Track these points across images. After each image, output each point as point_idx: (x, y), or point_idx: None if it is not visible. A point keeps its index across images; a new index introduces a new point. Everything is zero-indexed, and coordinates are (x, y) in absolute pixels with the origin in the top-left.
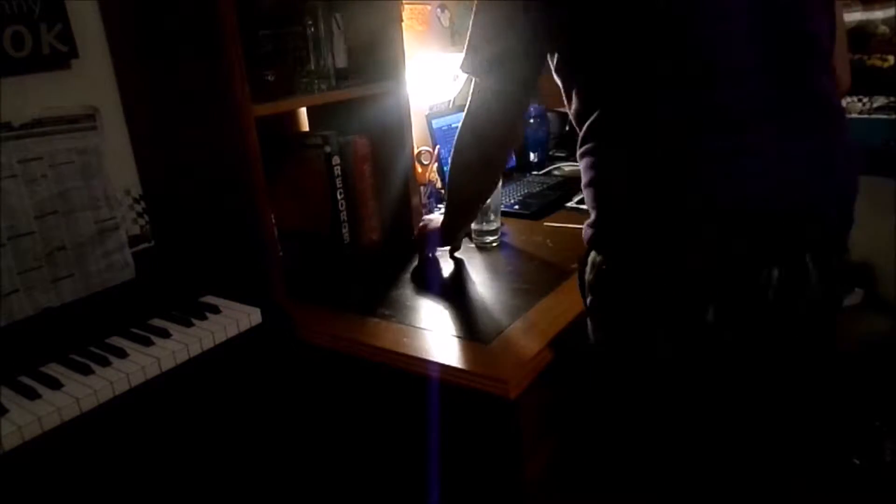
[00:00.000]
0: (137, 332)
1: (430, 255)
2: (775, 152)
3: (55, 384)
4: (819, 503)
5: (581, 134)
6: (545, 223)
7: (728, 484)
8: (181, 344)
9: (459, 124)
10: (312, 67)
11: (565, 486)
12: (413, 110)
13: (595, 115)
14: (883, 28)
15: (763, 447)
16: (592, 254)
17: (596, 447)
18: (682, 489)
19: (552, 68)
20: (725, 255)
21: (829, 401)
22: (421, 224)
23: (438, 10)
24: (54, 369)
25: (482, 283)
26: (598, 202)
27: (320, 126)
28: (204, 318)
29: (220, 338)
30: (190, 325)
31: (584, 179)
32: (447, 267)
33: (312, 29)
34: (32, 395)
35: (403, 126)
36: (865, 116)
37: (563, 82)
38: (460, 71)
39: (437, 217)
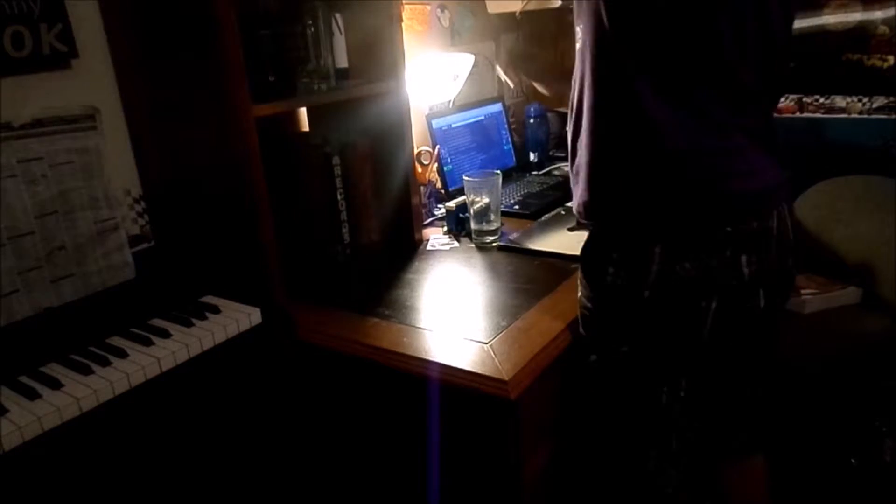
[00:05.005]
0: (137, 332)
1: None
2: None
3: (55, 384)
4: (819, 503)
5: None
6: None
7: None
8: (181, 344)
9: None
10: (312, 67)
11: (565, 486)
12: (413, 110)
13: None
14: (883, 28)
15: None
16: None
17: (594, 447)
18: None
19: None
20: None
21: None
22: None
23: (438, 10)
24: (54, 369)
25: (482, 283)
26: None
27: (320, 126)
28: (204, 318)
29: (220, 338)
30: (190, 325)
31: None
32: (447, 267)
33: (312, 29)
34: (32, 395)
35: (403, 126)
36: (865, 116)
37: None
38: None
39: None
